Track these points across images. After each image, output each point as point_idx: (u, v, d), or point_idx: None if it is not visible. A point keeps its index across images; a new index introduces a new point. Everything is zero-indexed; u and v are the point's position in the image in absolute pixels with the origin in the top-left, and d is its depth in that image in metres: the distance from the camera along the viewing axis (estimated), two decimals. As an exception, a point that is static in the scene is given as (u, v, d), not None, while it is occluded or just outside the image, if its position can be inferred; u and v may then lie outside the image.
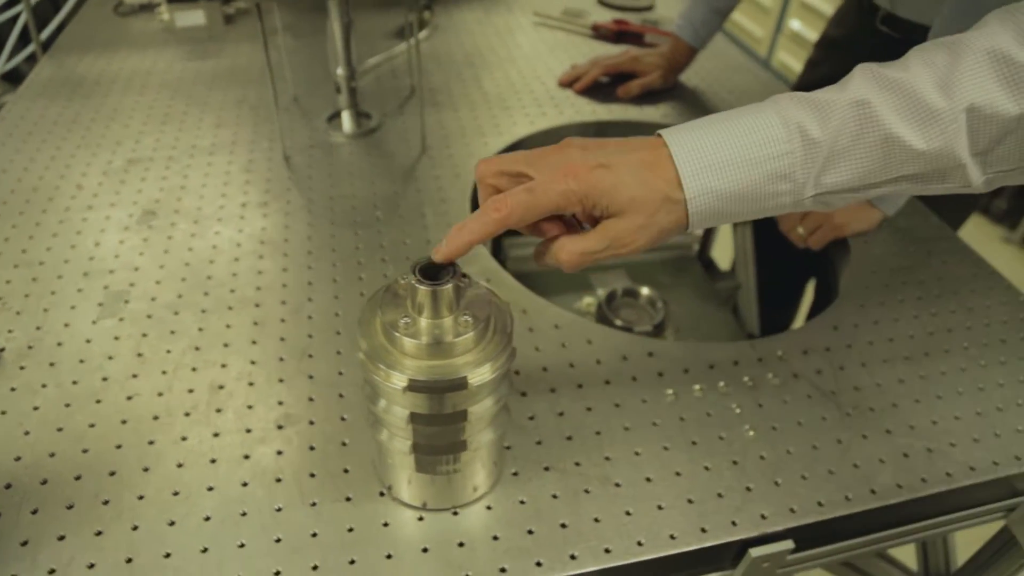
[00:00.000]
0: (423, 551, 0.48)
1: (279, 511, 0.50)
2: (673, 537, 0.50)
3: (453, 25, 1.32)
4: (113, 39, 1.21)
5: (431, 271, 0.43)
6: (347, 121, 0.96)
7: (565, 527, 0.50)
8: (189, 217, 0.79)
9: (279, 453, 0.54)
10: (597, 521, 0.51)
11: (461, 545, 0.49)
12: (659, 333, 0.95)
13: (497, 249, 1.09)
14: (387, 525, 0.50)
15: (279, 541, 0.48)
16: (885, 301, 0.74)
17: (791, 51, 3.43)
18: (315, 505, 0.50)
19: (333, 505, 0.51)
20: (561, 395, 0.61)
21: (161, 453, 0.54)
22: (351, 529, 0.49)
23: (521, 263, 1.07)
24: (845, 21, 1.10)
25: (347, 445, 0.55)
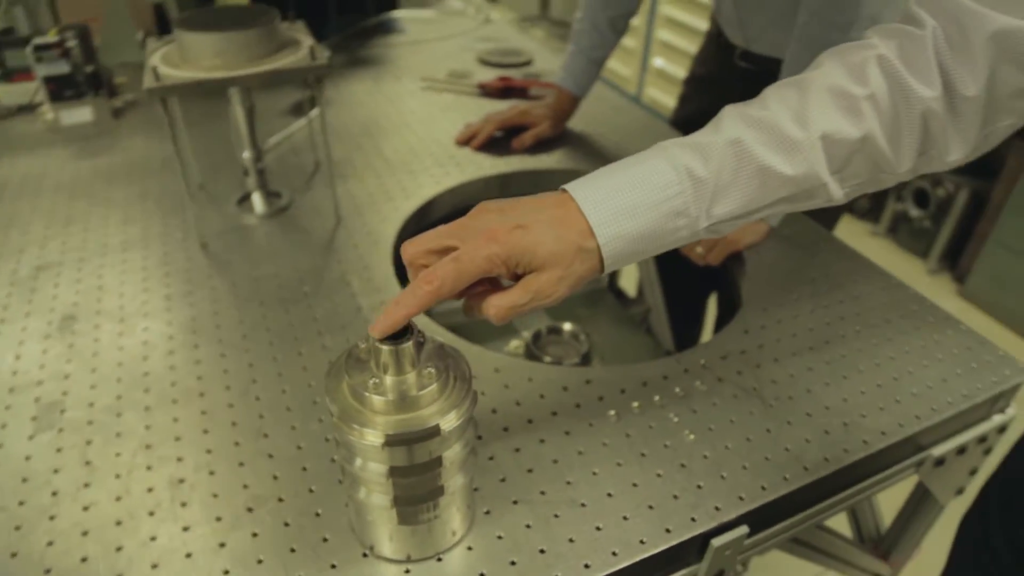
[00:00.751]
0: (415, 600, 0.50)
1: (266, 589, 0.51)
2: (643, 542, 0.54)
3: (344, 98, 1.36)
4: (-7, 149, 1.17)
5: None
6: (258, 202, 0.98)
7: (544, 552, 0.53)
8: (113, 317, 0.79)
9: (255, 535, 0.55)
10: (572, 541, 0.54)
11: (450, 588, 0.51)
12: (587, 363, 1.00)
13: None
14: (375, 583, 0.51)
15: (272, 618, 0.49)
16: (783, 302, 0.83)
17: (658, 86, 3.68)
18: (301, 577, 0.52)
19: (320, 575, 0.52)
20: (514, 433, 0.65)
21: (132, 557, 0.53)
22: (341, 593, 0.51)
23: (449, 316, 1.11)
24: (708, 60, 1.22)
25: (321, 515, 0.56)
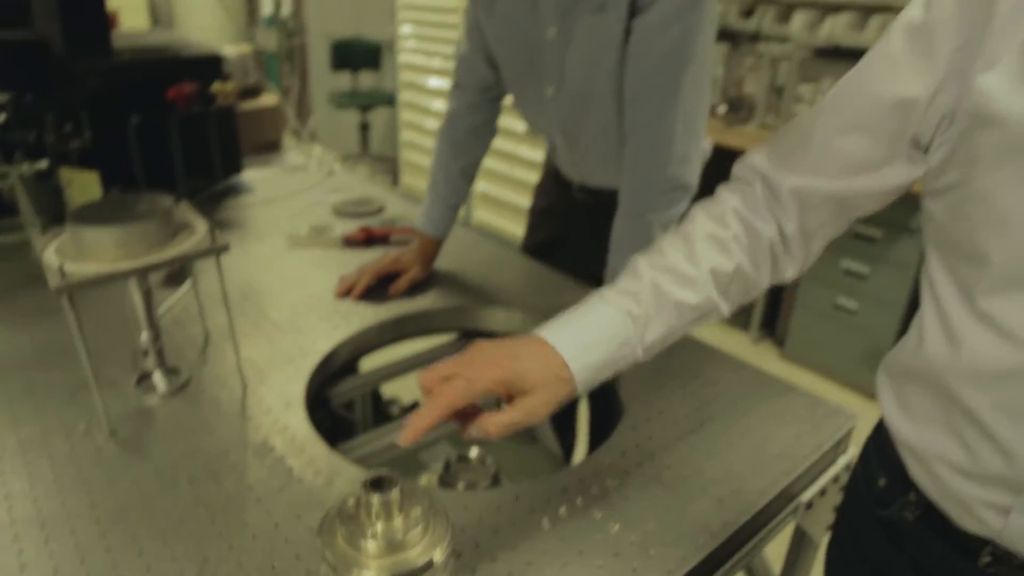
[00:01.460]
0: None
1: None
2: (604, 627, 0.63)
3: (213, 264, 1.40)
4: None
5: (375, 484, 0.54)
6: (160, 381, 1.00)
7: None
8: (34, 523, 0.77)
9: None
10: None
11: None
12: (498, 483, 1.08)
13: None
14: None
15: None
16: (659, 396, 0.98)
17: (485, 208, 3.96)
18: None
19: None
20: (468, 556, 0.72)
21: None
22: None
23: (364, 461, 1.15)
24: (549, 193, 1.42)
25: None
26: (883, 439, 0.73)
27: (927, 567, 0.67)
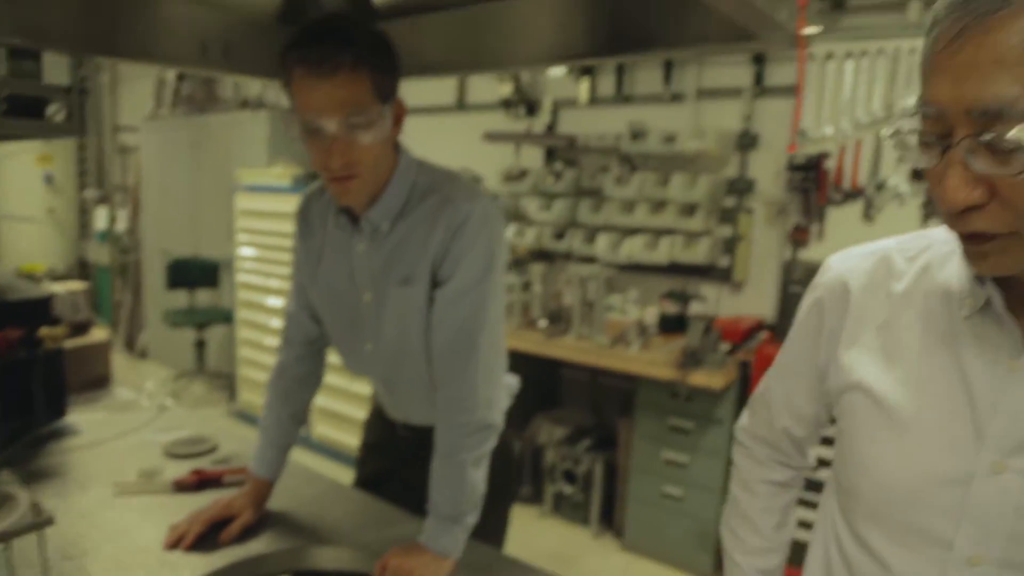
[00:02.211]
0: None
1: None
2: None
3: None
4: None
5: None
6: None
7: None
8: None
9: None
10: None
11: None
12: None
13: None
14: None
15: None
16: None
17: (325, 424, 3.96)
18: None
19: None
20: None
21: None
22: None
23: None
24: (376, 429, 1.53)
25: None
26: None
27: None
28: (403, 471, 1.44)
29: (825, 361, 0.87)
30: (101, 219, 6.43)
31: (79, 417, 1.93)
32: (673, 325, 3.11)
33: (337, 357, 1.43)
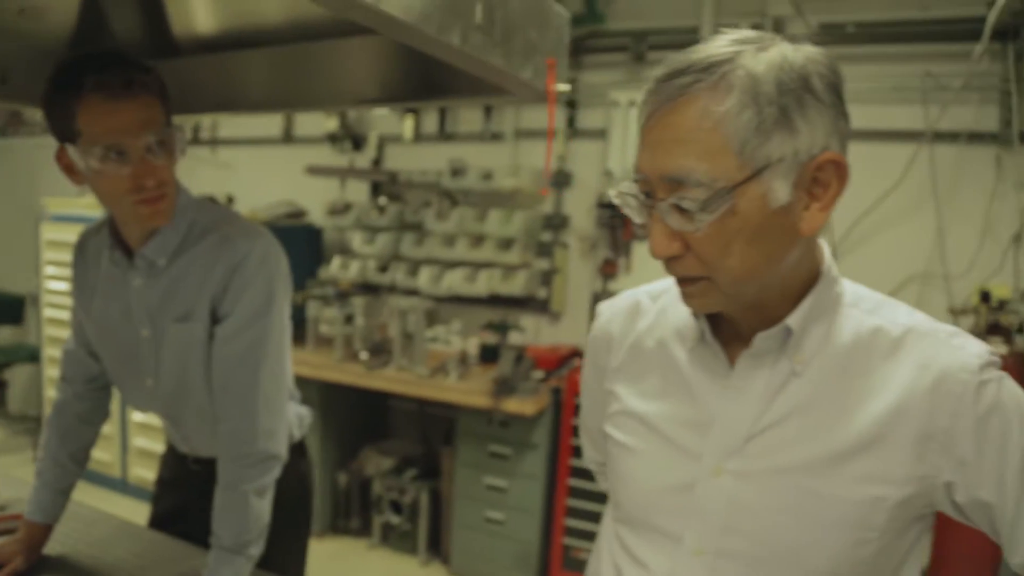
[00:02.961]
0: None
1: None
2: None
3: None
4: None
5: None
6: None
7: None
8: None
9: None
10: None
11: None
12: None
13: None
14: None
15: None
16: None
17: (143, 464, 3.72)
18: None
19: None
20: None
21: None
22: None
23: None
24: (170, 465, 1.51)
25: None
26: None
27: None
28: (198, 504, 1.42)
29: (605, 392, 0.99)
30: None
31: None
32: (492, 355, 3.24)
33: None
